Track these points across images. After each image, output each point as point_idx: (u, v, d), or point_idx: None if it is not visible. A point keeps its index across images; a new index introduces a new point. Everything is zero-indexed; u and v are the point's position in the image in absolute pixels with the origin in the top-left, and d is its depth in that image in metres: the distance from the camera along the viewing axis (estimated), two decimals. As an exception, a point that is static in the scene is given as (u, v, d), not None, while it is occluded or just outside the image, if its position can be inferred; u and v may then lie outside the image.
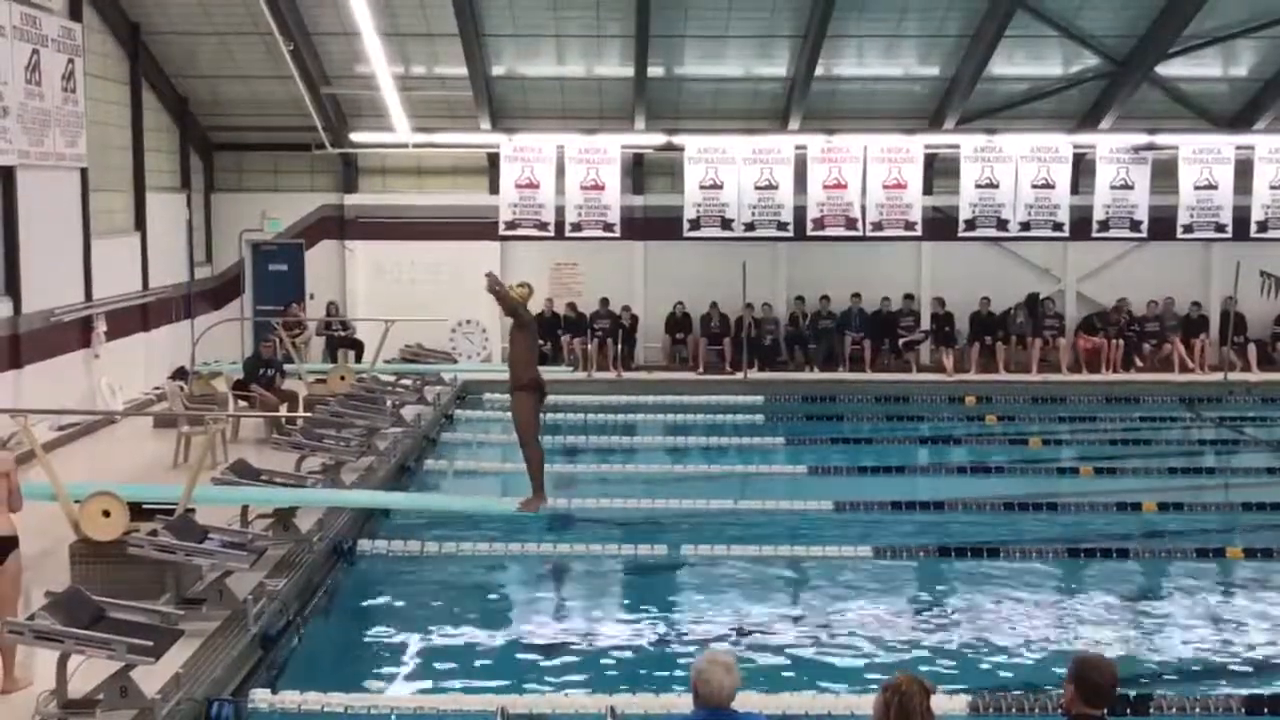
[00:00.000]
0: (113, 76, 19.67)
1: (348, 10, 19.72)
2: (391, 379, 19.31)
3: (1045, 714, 8.59)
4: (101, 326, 18.15)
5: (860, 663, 9.99)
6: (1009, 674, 9.84)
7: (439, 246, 23.20)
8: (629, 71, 21.61)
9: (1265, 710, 8.86)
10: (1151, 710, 8.71)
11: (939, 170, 23.27)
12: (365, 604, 11.50)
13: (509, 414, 13.12)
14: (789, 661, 10.04)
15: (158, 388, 18.97)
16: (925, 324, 23.44)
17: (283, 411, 16.52)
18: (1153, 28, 20.91)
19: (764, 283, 23.23)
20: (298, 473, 13.40)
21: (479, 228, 22.85)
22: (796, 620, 11.20)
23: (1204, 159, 22.82)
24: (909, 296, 23.52)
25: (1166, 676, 9.83)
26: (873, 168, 22.50)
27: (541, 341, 22.72)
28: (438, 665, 10.04)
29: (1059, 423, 20.07)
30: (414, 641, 10.62)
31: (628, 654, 10.25)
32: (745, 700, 7.00)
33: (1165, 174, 22.87)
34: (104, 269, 18.38)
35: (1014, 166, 22.65)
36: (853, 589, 11.96)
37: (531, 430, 12.49)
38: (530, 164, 22.41)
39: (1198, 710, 8.80)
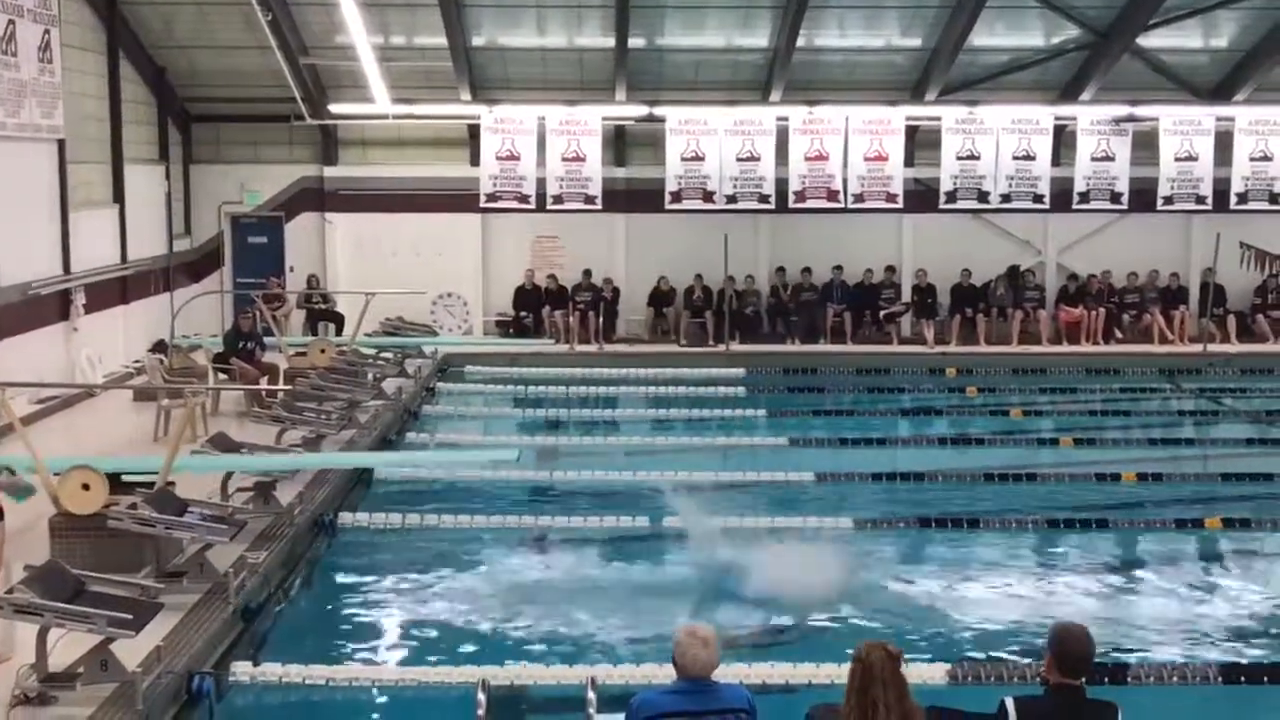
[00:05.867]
0: (90, 47, 19.50)
1: (326, -20, 19.60)
2: (372, 352, 19.30)
3: (1023, 683, 8.62)
4: (80, 299, 18.06)
5: (841, 633, 10.02)
6: (988, 643, 9.88)
7: (419, 219, 23.12)
8: (610, 42, 21.49)
9: (1242, 679, 8.95)
10: (1129, 679, 8.77)
11: (920, 142, 23.25)
12: (347, 577, 11.48)
13: (490, 387, 12.89)
14: (770, 632, 10.06)
15: (137, 361, 18.89)
16: (906, 296, 23.45)
17: (263, 385, 16.46)
18: (1134, -2, 20.92)
19: (746, 255, 23.21)
20: (278, 445, 13.38)
21: (460, 200, 22.75)
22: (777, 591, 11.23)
23: (1184, 131, 22.84)
24: (890, 269, 23.53)
25: (1144, 645, 9.89)
26: (854, 139, 22.43)
27: (524, 314, 22.95)
28: (419, 637, 10.06)
29: (1039, 394, 20.16)
30: (395, 614, 10.64)
31: (609, 626, 10.26)
32: (725, 671, 7.01)
33: (1146, 145, 22.88)
34: (82, 242, 18.26)
35: (995, 138, 22.62)
36: (834, 559, 11.99)
37: None
38: (511, 136, 22.25)
39: (1175, 679, 8.87)
